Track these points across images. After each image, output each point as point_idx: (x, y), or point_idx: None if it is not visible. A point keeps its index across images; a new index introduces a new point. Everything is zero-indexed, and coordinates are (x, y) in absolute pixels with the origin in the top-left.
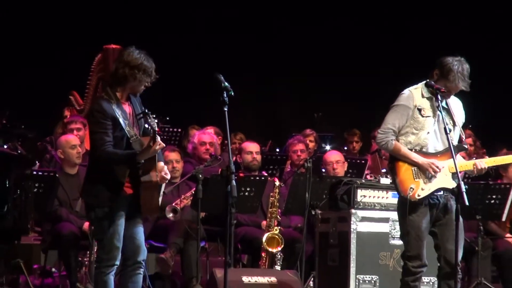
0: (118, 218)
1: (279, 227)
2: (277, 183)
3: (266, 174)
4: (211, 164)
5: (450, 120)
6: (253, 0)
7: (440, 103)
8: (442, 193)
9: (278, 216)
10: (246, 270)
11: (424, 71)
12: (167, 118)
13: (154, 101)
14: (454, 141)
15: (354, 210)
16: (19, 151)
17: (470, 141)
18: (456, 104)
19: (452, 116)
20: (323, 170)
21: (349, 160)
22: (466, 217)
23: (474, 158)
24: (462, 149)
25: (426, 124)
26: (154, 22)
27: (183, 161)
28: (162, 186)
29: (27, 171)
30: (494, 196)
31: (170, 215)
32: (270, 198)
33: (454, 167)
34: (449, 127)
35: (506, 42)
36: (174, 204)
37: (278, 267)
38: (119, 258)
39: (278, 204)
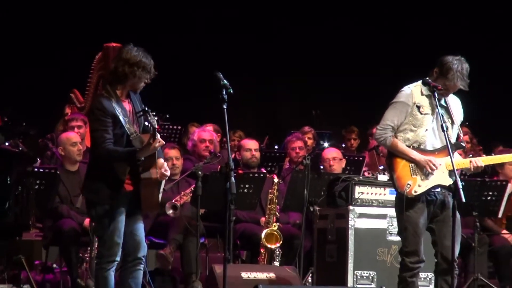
0: (118, 215)
1: (278, 224)
2: (275, 180)
3: (265, 171)
4: (211, 161)
5: (449, 118)
6: (253, 0)
7: (438, 101)
8: (439, 189)
9: (277, 212)
10: (245, 266)
11: (423, 71)
12: (167, 116)
13: (154, 99)
14: (452, 139)
15: (352, 207)
16: (21, 148)
17: (466, 138)
18: (455, 102)
19: (450, 114)
20: (321, 167)
21: (347, 157)
22: (463, 213)
23: (471, 156)
24: (460, 147)
25: (425, 121)
26: (154, 21)
27: (183, 158)
28: (162, 182)
29: (29, 168)
30: (490, 193)
31: (170, 212)
32: (269, 195)
33: (451, 165)
34: (446, 125)
35: (506, 42)
36: (174, 200)
37: (276, 263)
38: (120, 254)
39: (276, 200)
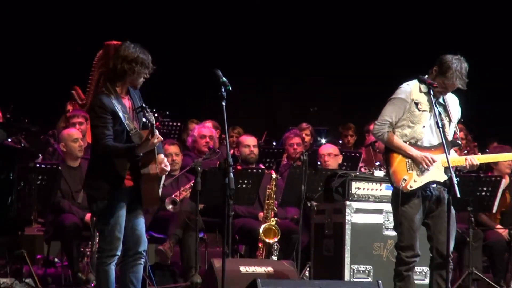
0: (119, 210)
1: (276, 219)
2: (273, 176)
3: (263, 167)
4: (210, 157)
5: (446, 116)
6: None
7: (436, 99)
8: (435, 185)
9: (275, 207)
10: (243, 260)
11: (419, 68)
12: (167, 113)
13: (155, 96)
14: (449, 136)
15: (348, 202)
16: (23, 145)
17: (461, 135)
18: (452, 100)
19: (448, 112)
20: (319, 163)
21: (343, 153)
22: (458, 209)
23: (466, 152)
24: (456, 144)
25: (422, 118)
26: (154, 20)
27: (182, 154)
28: (162, 178)
29: (31, 164)
30: (485, 188)
31: (170, 207)
32: (267, 190)
33: (446, 162)
34: (443, 122)
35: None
36: (173, 196)
37: (274, 257)
38: (120, 249)
39: (274, 196)
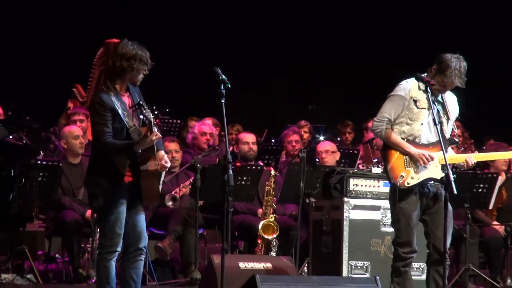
0: (119, 206)
1: (275, 215)
2: (272, 173)
3: (262, 164)
4: (209, 154)
5: (444, 114)
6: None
7: (435, 97)
8: (432, 182)
9: (274, 204)
10: (242, 256)
11: (419, 68)
12: (167, 110)
13: (155, 95)
14: (447, 134)
15: (346, 199)
16: (24, 142)
17: (458, 132)
18: (451, 98)
19: (446, 110)
20: (317, 160)
21: (342, 150)
22: (455, 205)
23: (462, 149)
24: (454, 142)
25: (421, 115)
26: (154, 18)
27: (182, 151)
28: (162, 174)
29: (32, 161)
30: (481, 185)
31: (170, 203)
32: (266, 187)
33: (444, 159)
34: (441, 120)
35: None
36: (173, 192)
37: (273, 253)
38: (121, 245)
39: (273, 192)
